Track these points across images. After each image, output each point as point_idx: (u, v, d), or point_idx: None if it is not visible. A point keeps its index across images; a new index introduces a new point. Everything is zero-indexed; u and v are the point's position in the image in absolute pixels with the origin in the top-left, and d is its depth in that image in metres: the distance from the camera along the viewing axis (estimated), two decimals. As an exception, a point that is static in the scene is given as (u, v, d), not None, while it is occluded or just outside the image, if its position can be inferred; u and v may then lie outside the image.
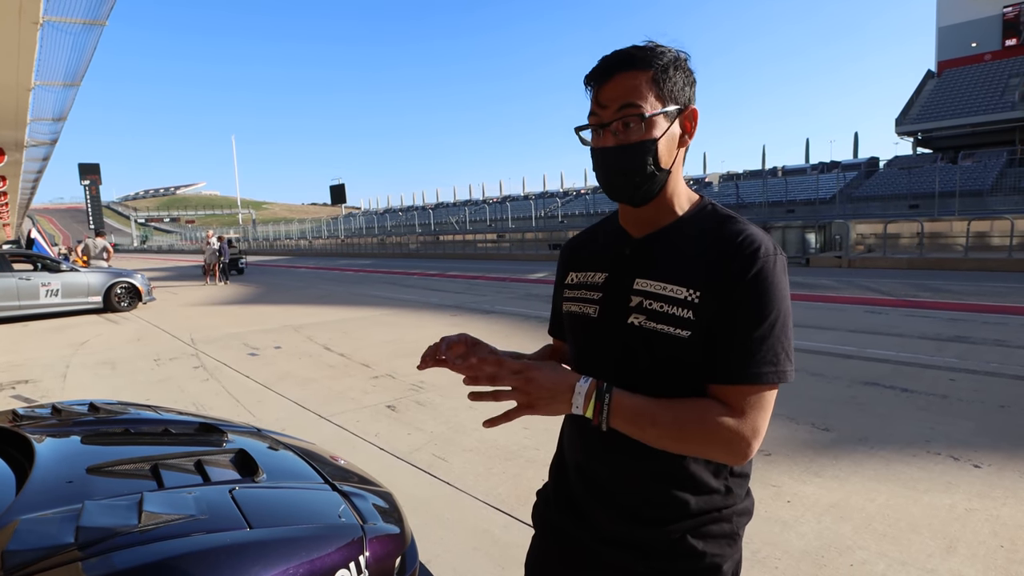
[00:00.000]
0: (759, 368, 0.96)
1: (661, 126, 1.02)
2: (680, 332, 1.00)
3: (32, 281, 11.60)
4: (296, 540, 1.38)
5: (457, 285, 16.04)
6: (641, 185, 1.04)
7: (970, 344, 6.46)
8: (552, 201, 48.47)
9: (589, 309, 1.13)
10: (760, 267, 0.97)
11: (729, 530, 1.08)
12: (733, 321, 0.97)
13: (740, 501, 1.10)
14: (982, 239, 17.52)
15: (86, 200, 80.00)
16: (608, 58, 1.03)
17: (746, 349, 0.97)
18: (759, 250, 0.98)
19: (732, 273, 0.98)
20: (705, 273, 1.00)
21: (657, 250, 1.07)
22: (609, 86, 1.01)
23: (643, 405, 0.97)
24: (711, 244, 1.02)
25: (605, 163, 1.04)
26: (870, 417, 4.34)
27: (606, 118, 1.02)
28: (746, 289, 0.97)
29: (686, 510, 1.05)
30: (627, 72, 1.01)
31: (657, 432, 0.97)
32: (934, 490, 3.19)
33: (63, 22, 7.40)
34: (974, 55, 37.39)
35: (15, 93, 9.46)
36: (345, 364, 6.81)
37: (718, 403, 0.98)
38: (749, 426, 0.96)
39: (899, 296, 10.42)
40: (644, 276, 1.06)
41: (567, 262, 1.26)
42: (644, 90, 1.00)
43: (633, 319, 1.04)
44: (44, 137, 14.40)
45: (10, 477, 1.59)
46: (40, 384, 6.31)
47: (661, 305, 1.02)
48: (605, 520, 1.11)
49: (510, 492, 3.38)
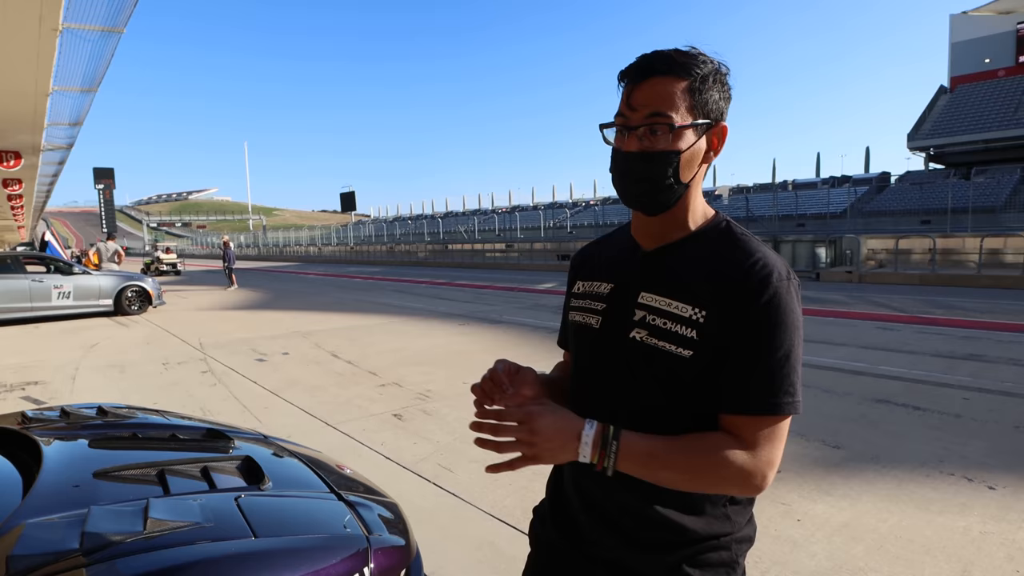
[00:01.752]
0: (777, 399, 0.94)
1: (688, 139, 0.99)
2: (681, 351, 0.97)
3: (45, 283, 11.71)
4: (301, 550, 1.37)
5: (465, 294, 16.05)
6: (657, 195, 1.01)
7: (984, 362, 6.38)
8: (561, 212, 48.57)
9: (592, 319, 1.11)
10: (774, 292, 0.94)
11: (728, 558, 1.04)
12: (747, 348, 0.94)
13: (740, 528, 1.06)
14: (995, 256, 17.35)
15: (100, 204, 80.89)
16: (648, 57, 0.99)
17: (763, 379, 0.94)
18: (772, 275, 0.95)
19: (744, 297, 0.95)
20: (713, 293, 0.97)
21: (665, 264, 1.05)
22: (643, 88, 0.98)
23: (652, 449, 0.94)
24: (722, 263, 0.99)
25: (625, 168, 1.01)
26: (882, 435, 4.29)
27: (634, 121, 0.98)
28: (761, 315, 0.94)
29: (684, 536, 1.02)
30: (664, 77, 0.97)
31: (668, 475, 0.95)
32: (948, 512, 3.14)
33: (82, 29, 7.49)
34: (987, 71, 37.28)
35: (33, 98, 9.58)
36: (352, 372, 6.81)
37: (730, 437, 0.95)
38: (764, 459, 0.94)
39: (911, 312, 10.33)
40: (650, 290, 1.03)
41: (576, 270, 1.24)
42: (678, 99, 0.97)
43: (635, 333, 1.02)
44: (60, 141, 14.56)
45: (17, 480, 1.59)
46: (50, 386, 6.35)
47: (664, 321, 1.00)
48: (602, 543, 1.08)
49: (516, 504, 3.35)
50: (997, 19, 36.87)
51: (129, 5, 7.11)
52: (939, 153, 36.42)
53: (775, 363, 0.94)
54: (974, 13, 38.17)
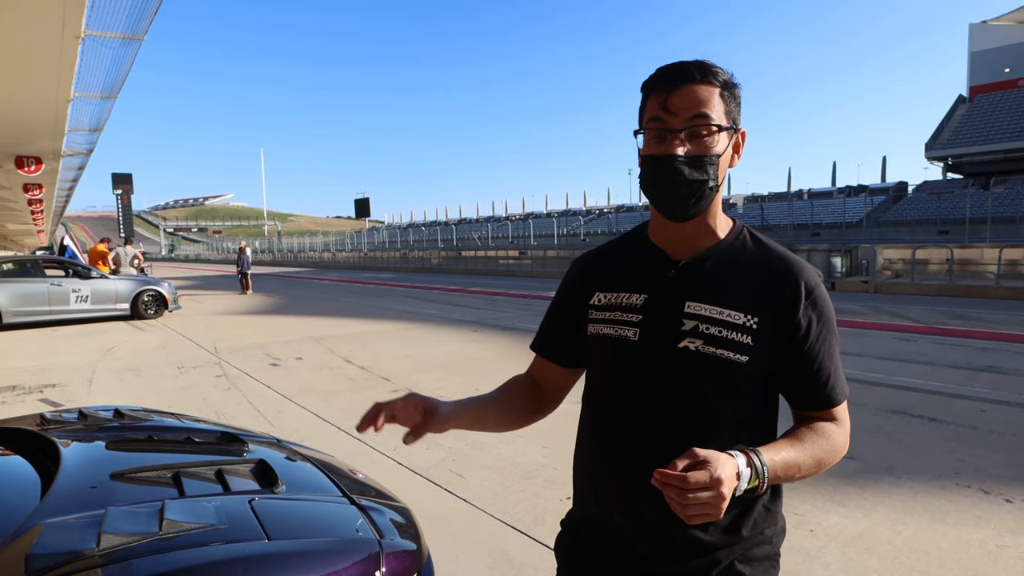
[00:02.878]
0: (844, 386, 1.07)
1: (723, 143, 1.01)
2: (739, 357, 1.00)
3: (63, 287, 11.88)
4: (313, 553, 1.38)
5: (478, 301, 16.06)
6: (699, 201, 1.02)
7: (1002, 374, 6.28)
8: (575, 219, 48.51)
9: (628, 332, 1.08)
10: (819, 293, 1.04)
11: (771, 551, 1.09)
12: (819, 349, 1.03)
13: (779, 521, 1.11)
14: (1014, 267, 17.09)
15: (118, 209, 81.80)
16: (679, 65, 1.02)
17: (832, 374, 1.05)
18: (812, 277, 1.04)
19: (795, 300, 1.02)
20: (759, 298, 1.02)
21: (706, 273, 1.06)
22: (681, 93, 0.99)
23: (788, 458, 0.97)
24: (760, 269, 1.05)
25: (667, 171, 1.00)
26: (897, 447, 4.24)
27: (676, 124, 0.99)
28: (815, 316, 1.03)
29: (736, 535, 1.04)
30: (701, 84, 1.00)
31: (802, 476, 1.00)
32: (964, 524, 3.09)
33: (103, 36, 7.63)
34: (1007, 81, 36.88)
35: (55, 104, 9.76)
36: (365, 377, 6.84)
37: (831, 424, 1.05)
38: (848, 430, 1.08)
39: (928, 323, 10.20)
40: (695, 299, 1.04)
41: (586, 279, 1.19)
42: (715, 103, 1.00)
43: (688, 343, 1.02)
44: (80, 147, 14.81)
45: (36, 481, 1.62)
46: (67, 388, 6.44)
47: (720, 330, 1.01)
48: (653, 558, 1.06)
49: (528, 511, 3.35)
50: (1017, 28, 36.50)
51: (149, 13, 7.24)
52: (957, 163, 36.05)
53: (836, 357, 1.06)
54: (994, 22, 37.83)
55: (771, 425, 1.10)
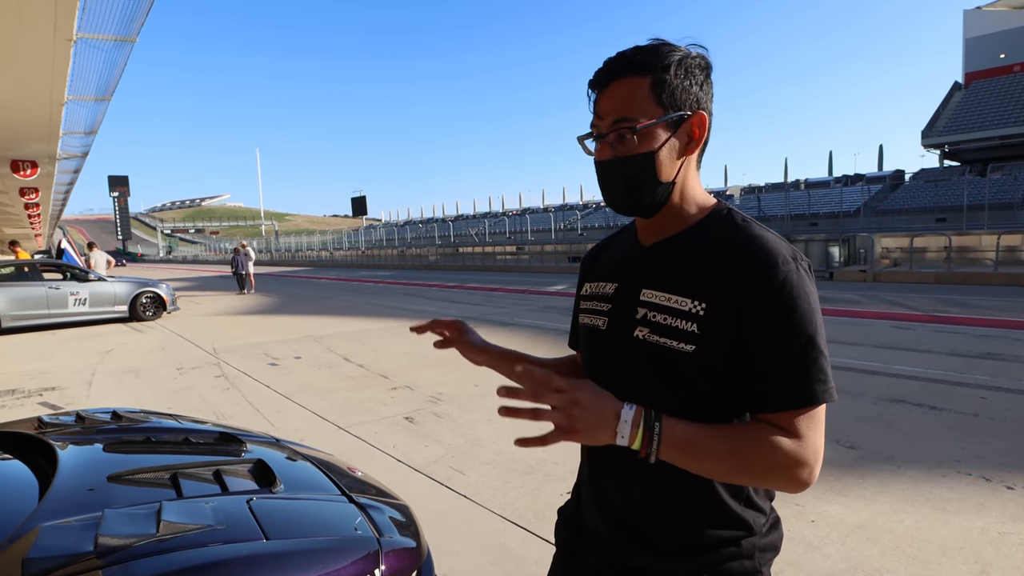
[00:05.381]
0: (812, 387, 0.89)
1: (659, 137, 0.96)
2: (683, 346, 0.93)
3: (61, 290, 11.86)
4: (312, 552, 1.38)
5: (476, 297, 16.06)
6: (641, 199, 0.99)
7: (1002, 361, 6.29)
8: (572, 213, 48.50)
9: (599, 321, 1.09)
10: (783, 278, 0.89)
11: (751, 567, 0.99)
12: (768, 341, 0.89)
13: (762, 532, 1.01)
14: (1013, 253, 17.13)
15: (115, 211, 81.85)
16: (608, 62, 0.98)
17: (793, 369, 0.89)
18: (776, 259, 0.91)
19: (748, 284, 0.90)
20: (714, 283, 0.93)
21: (664, 259, 1.02)
22: (606, 95, 0.97)
23: (695, 434, 0.87)
24: (721, 251, 0.95)
25: (602, 176, 1.01)
26: (897, 435, 4.24)
27: (603, 129, 0.98)
28: (774, 304, 0.89)
29: (700, 539, 0.98)
30: (625, 78, 0.95)
31: (713, 463, 0.88)
32: (965, 512, 3.10)
33: (95, 39, 7.59)
34: (1003, 66, 36.84)
35: (49, 107, 9.72)
36: (364, 375, 6.83)
37: (774, 427, 0.89)
38: (810, 448, 0.88)
39: (927, 311, 10.21)
40: (650, 287, 1.01)
41: (583, 272, 1.24)
42: (640, 99, 0.95)
43: (639, 332, 1.00)
44: (76, 150, 14.75)
45: (33, 484, 1.61)
46: (66, 391, 6.43)
47: (665, 317, 0.96)
48: (617, 548, 1.05)
49: (528, 506, 3.35)
50: (1012, 14, 36.43)
51: (141, 15, 7.20)
52: (954, 150, 36.03)
53: (799, 352, 0.89)
54: (988, 8, 37.77)
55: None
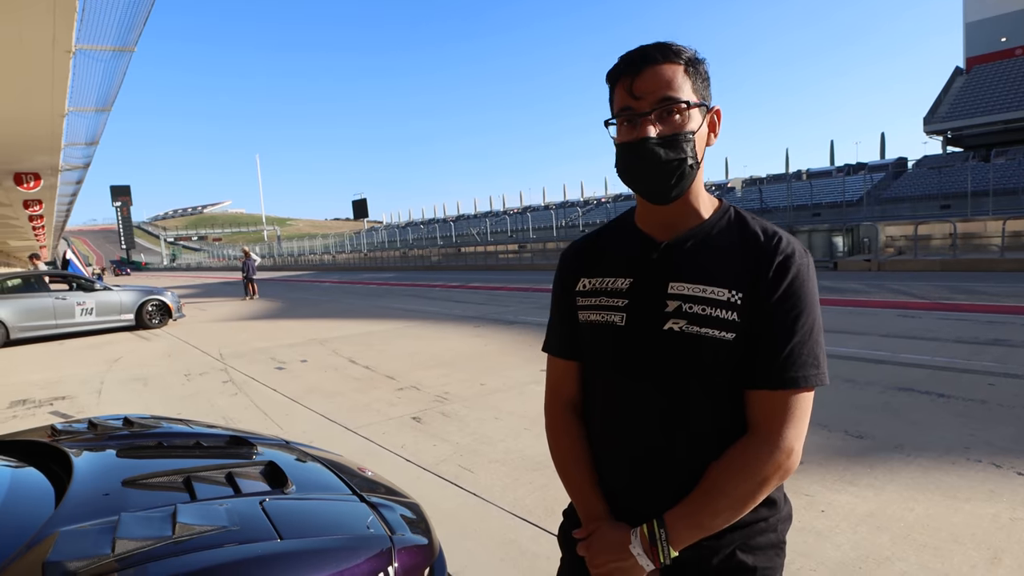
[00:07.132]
0: (803, 371, 0.97)
1: (696, 119, 1.01)
2: (725, 335, 0.98)
3: (68, 300, 11.92)
4: (326, 551, 1.39)
5: (479, 296, 16.08)
6: (679, 181, 1.01)
7: (1009, 347, 6.27)
8: (573, 211, 48.45)
9: (614, 317, 1.07)
10: (797, 271, 0.99)
11: (776, 539, 1.07)
12: (774, 325, 0.97)
13: (782, 508, 1.09)
14: (1018, 239, 17.04)
15: (118, 221, 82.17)
16: (639, 50, 1.01)
17: (790, 353, 0.97)
18: (794, 254, 0.99)
19: (770, 276, 0.98)
20: (743, 274, 1.00)
21: (689, 252, 1.04)
22: (645, 76, 0.99)
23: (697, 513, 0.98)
24: (743, 246, 1.02)
25: (642, 154, 0.99)
26: (905, 424, 4.23)
27: (645, 108, 0.99)
28: (788, 293, 0.98)
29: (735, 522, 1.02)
30: (662, 64, 0.99)
31: (723, 520, 0.99)
32: (976, 499, 3.09)
33: (94, 49, 7.63)
34: (1004, 50, 36.62)
35: (50, 120, 9.76)
36: (370, 377, 6.85)
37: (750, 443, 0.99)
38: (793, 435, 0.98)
39: (933, 299, 10.17)
40: (678, 279, 1.02)
41: (573, 268, 1.19)
42: (680, 81, 0.99)
43: (672, 325, 1.01)
44: (77, 161, 14.81)
45: (50, 490, 1.63)
46: (77, 400, 6.47)
47: (703, 308, 0.99)
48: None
49: (537, 503, 3.36)
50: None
51: (138, 24, 7.23)
52: (957, 136, 35.84)
53: (803, 337, 0.98)
54: (987, -8, 37.54)
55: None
